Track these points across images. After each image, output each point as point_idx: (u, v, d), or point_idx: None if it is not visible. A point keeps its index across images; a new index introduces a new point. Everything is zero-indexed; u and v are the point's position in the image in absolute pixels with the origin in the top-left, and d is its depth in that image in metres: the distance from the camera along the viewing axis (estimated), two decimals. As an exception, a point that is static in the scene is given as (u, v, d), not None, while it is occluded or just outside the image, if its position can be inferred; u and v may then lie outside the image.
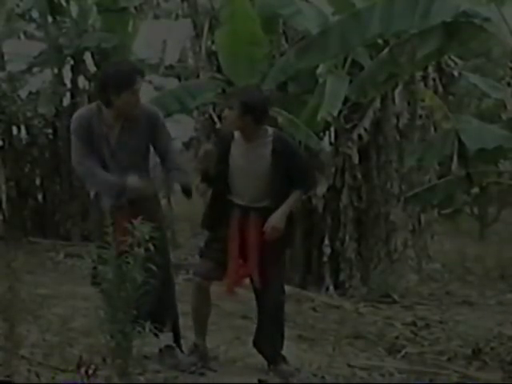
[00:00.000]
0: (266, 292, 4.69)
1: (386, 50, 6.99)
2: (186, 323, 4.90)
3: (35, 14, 10.57)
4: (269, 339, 4.72)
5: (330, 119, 7.79)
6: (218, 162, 4.65)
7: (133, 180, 4.55)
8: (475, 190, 7.30)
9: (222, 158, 4.66)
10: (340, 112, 7.67)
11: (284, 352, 4.71)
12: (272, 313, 4.74)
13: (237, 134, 4.72)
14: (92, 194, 4.79)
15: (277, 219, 4.60)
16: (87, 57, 10.49)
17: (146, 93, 10.52)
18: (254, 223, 4.64)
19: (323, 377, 4.76)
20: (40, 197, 10.62)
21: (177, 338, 4.77)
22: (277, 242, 4.62)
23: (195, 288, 4.81)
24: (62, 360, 4.39)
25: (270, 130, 4.77)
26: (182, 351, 4.74)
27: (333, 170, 8.19)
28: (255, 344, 4.81)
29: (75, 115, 4.91)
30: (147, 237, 3.72)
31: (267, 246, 4.62)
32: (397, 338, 6.35)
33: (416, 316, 7.24)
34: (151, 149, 4.74)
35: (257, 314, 4.84)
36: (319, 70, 7.88)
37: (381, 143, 8.39)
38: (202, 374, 4.57)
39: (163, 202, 8.25)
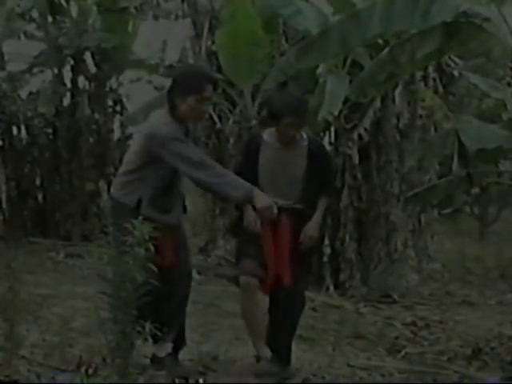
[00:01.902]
0: (291, 293, 4.60)
1: (386, 50, 6.98)
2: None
3: (35, 14, 10.57)
4: (286, 340, 4.65)
5: (330, 119, 7.80)
6: (246, 163, 4.63)
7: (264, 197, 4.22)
8: (475, 189, 7.30)
9: (251, 160, 4.62)
10: (340, 112, 7.67)
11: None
12: (294, 314, 4.67)
13: (267, 135, 4.67)
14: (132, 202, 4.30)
15: (313, 229, 4.63)
16: (87, 57, 10.49)
17: (146, 93, 10.59)
18: (285, 223, 4.60)
19: (323, 377, 4.77)
20: (40, 197, 10.62)
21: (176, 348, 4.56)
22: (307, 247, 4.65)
23: (244, 288, 4.57)
24: (62, 360, 4.39)
25: (305, 133, 4.73)
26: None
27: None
28: (269, 343, 4.65)
29: (171, 129, 4.34)
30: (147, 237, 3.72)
31: (297, 249, 4.60)
32: (397, 338, 6.35)
33: (416, 316, 7.25)
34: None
35: (272, 314, 4.65)
36: (319, 70, 7.88)
37: (381, 143, 8.39)
38: (202, 374, 4.57)
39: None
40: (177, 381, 4.17)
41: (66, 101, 10.49)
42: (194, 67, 4.71)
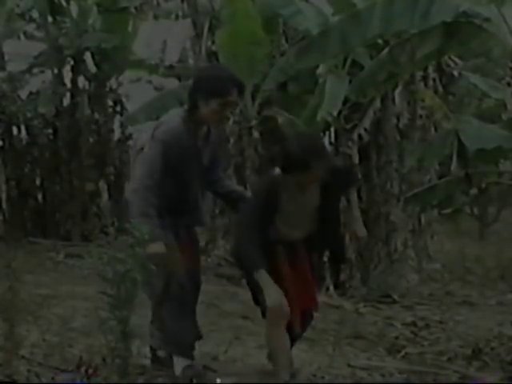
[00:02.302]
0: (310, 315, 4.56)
1: (386, 50, 7.00)
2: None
3: (35, 14, 10.57)
4: None
5: (329, 119, 7.79)
6: (266, 208, 4.23)
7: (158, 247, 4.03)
8: (475, 190, 7.31)
9: (271, 206, 4.23)
10: (340, 112, 7.68)
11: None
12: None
13: (284, 180, 4.28)
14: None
15: (360, 227, 4.49)
16: (87, 57, 10.49)
17: (146, 93, 10.58)
18: (302, 252, 4.39)
19: (323, 377, 4.77)
20: (40, 197, 10.63)
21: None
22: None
23: (271, 315, 4.21)
24: (62, 360, 4.39)
25: None
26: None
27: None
28: None
29: (170, 127, 4.19)
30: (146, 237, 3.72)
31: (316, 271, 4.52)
32: (397, 338, 6.35)
33: (416, 316, 7.24)
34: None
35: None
36: (319, 70, 7.89)
37: (381, 143, 8.39)
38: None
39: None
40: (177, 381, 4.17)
41: (66, 101, 10.49)
42: (219, 69, 4.41)
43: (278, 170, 4.25)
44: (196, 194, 4.28)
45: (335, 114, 7.43)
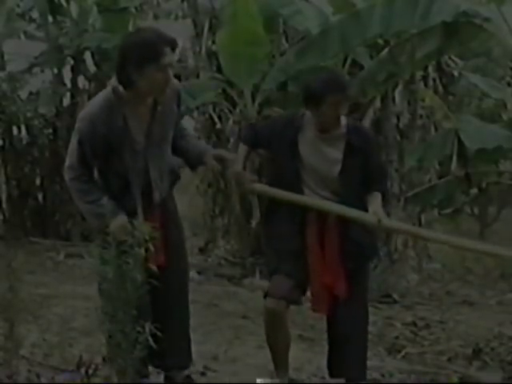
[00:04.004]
0: (350, 310, 4.08)
1: (386, 50, 7.00)
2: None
3: (35, 14, 10.56)
4: (355, 363, 4.16)
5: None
6: (284, 151, 4.06)
7: (120, 221, 3.79)
8: (475, 190, 7.31)
9: (290, 147, 4.05)
10: (340, 112, 7.66)
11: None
12: (359, 332, 4.17)
13: (307, 119, 4.10)
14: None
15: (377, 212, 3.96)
16: (87, 57, 10.48)
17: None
18: (333, 227, 4.03)
19: (323, 377, 4.76)
20: (40, 197, 10.61)
21: None
22: (362, 250, 4.08)
23: (268, 313, 4.04)
24: (62, 360, 4.39)
25: (344, 119, 4.12)
26: None
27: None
28: (330, 368, 4.24)
29: (86, 112, 3.87)
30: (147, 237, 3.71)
31: (350, 255, 4.04)
32: (397, 338, 6.35)
33: (416, 316, 7.24)
34: None
35: (331, 337, 4.24)
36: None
37: (381, 143, 8.39)
38: (202, 374, 4.57)
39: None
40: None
41: (66, 101, 10.48)
42: (142, 32, 3.83)
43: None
44: (141, 177, 3.87)
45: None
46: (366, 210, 4.00)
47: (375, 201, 4.03)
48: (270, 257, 4.18)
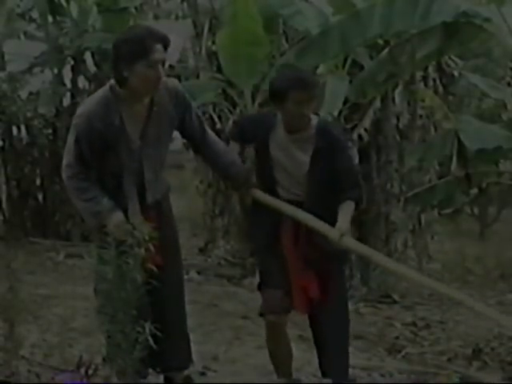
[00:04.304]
0: (328, 311, 4.11)
1: (386, 50, 6.99)
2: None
3: (35, 14, 10.56)
4: (336, 364, 4.17)
5: (330, 119, 7.79)
6: (258, 149, 4.06)
7: (118, 218, 3.77)
8: (475, 190, 7.31)
9: (262, 146, 4.02)
10: (340, 112, 7.67)
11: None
12: (339, 331, 4.16)
13: (279, 119, 4.03)
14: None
15: (341, 224, 3.94)
16: (87, 57, 10.48)
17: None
18: (304, 231, 4.02)
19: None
20: (40, 197, 10.61)
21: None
22: (326, 255, 4.03)
23: (269, 327, 4.08)
24: (62, 360, 4.39)
25: (315, 118, 4.05)
26: None
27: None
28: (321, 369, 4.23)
29: (83, 109, 3.86)
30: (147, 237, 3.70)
31: (319, 257, 4.04)
32: (397, 338, 6.35)
33: (416, 316, 7.24)
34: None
35: (314, 334, 4.25)
36: (319, 70, 7.88)
37: (381, 143, 8.38)
38: (202, 374, 4.57)
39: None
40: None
41: (66, 101, 10.48)
42: (134, 29, 3.89)
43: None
44: (135, 177, 3.86)
45: (335, 114, 7.42)
46: (335, 218, 3.95)
47: (345, 213, 3.98)
48: (259, 264, 4.22)
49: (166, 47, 3.74)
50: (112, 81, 3.82)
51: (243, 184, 4.05)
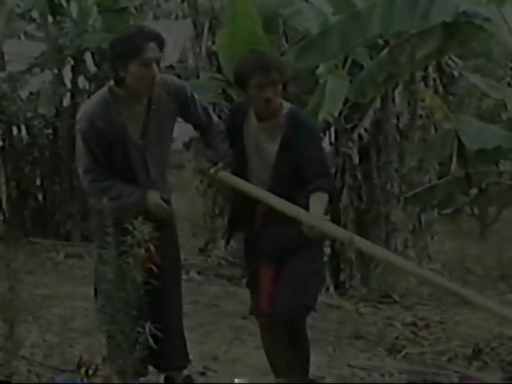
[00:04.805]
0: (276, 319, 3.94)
1: (386, 50, 6.99)
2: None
3: (35, 15, 10.58)
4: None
5: (330, 120, 7.79)
6: (232, 137, 3.97)
7: (154, 196, 3.81)
8: (475, 190, 7.30)
9: (236, 134, 3.95)
10: (340, 112, 7.67)
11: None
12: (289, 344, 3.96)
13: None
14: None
15: (315, 217, 3.72)
16: (88, 57, 10.49)
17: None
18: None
19: (323, 377, 4.76)
20: (40, 197, 10.63)
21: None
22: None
23: (261, 328, 4.13)
24: (62, 360, 4.39)
25: (287, 106, 3.95)
26: None
27: (333, 170, 8.18)
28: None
29: (83, 112, 3.88)
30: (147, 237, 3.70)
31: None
32: (397, 338, 6.35)
33: (416, 316, 7.24)
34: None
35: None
36: (319, 70, 7.88)
37: (381, 143, 8.39)
38: (202, 374, 4.57)
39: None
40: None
41: (66, 101, 10.49)
42: (130, 29, 3.91)
43: None
44: (141, 175, 3.88)
45: (336, 114, 7.42)
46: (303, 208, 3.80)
47: (316, 203, 3.77)
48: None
49: (160, 46, 3.75)
50: (111, 82, 3.86)
51: (210, 167, 3.98)
